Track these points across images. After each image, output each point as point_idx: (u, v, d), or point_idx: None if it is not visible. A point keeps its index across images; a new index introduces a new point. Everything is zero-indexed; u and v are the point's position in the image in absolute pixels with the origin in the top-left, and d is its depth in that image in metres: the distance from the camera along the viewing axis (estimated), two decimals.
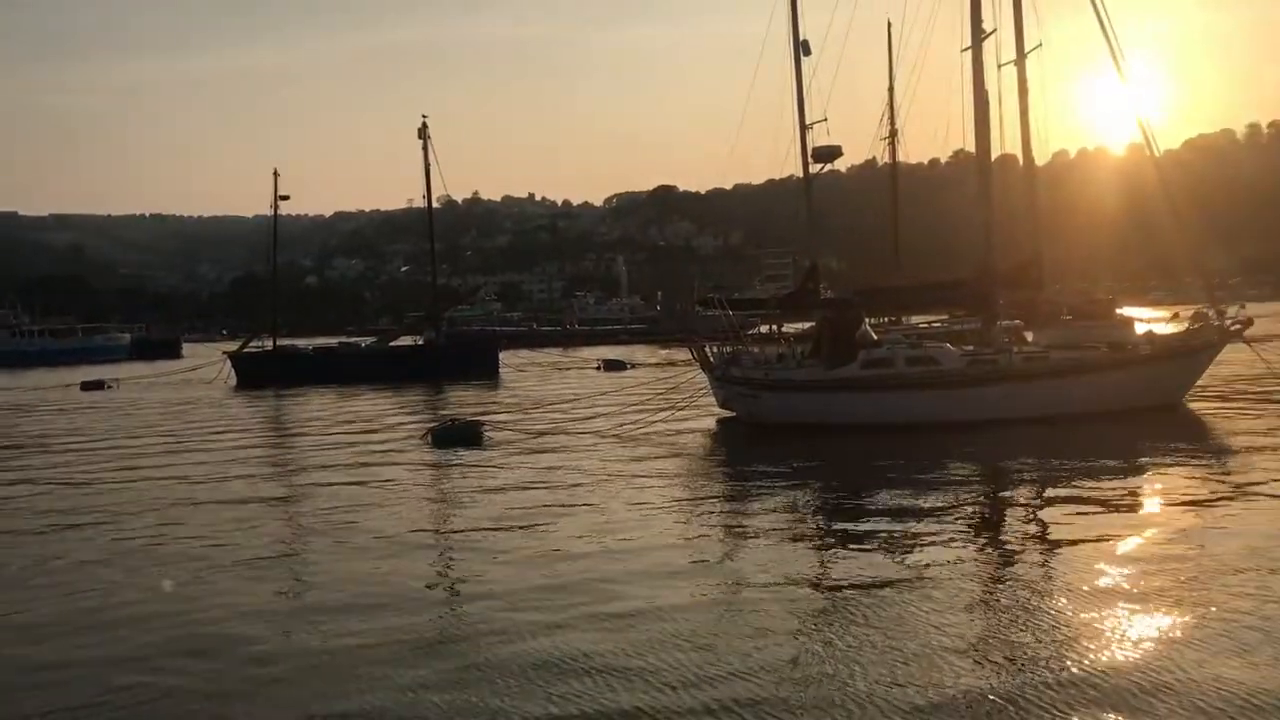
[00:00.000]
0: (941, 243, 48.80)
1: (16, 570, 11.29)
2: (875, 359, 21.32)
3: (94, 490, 16.77)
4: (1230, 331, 22.52)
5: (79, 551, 12.06)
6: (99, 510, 14.72)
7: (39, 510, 15.02)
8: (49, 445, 24.26)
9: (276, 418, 31.71)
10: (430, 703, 6.90)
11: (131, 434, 25.98)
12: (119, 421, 29.89)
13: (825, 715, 6.43)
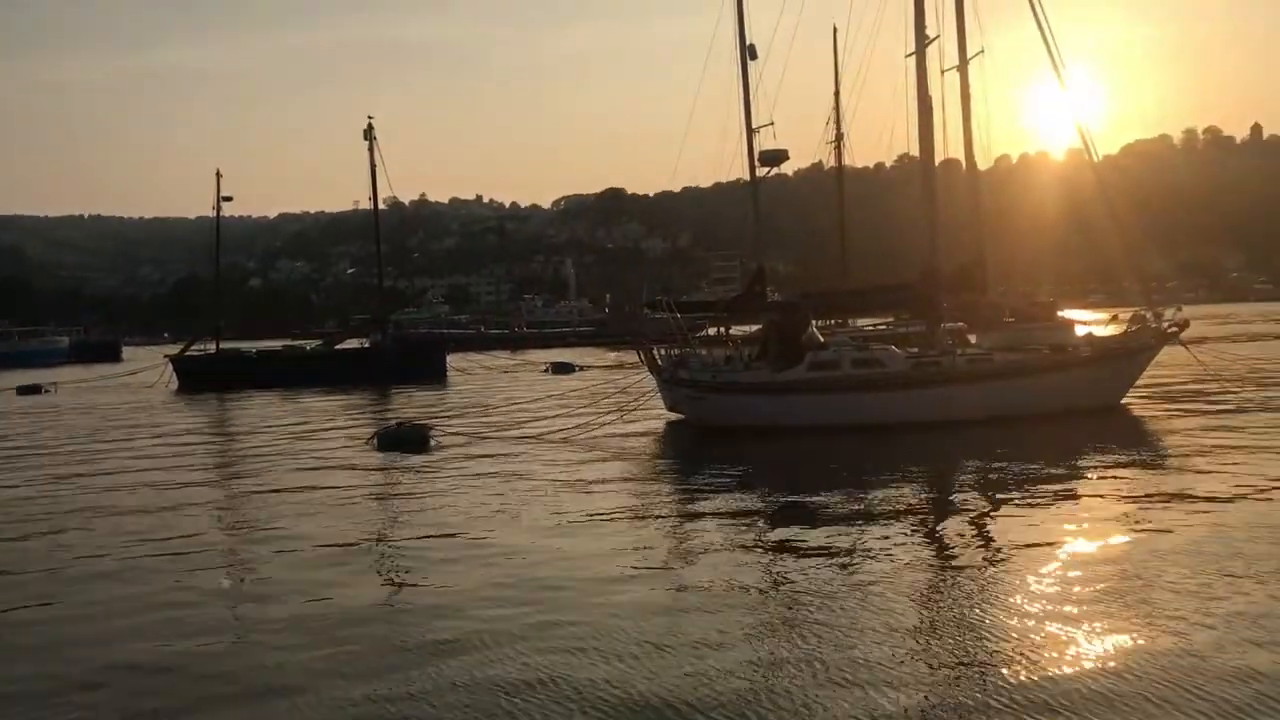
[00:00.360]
0: (888, 246, 49.33)
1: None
2: (822, 361, 21.44)
3: (21, 498, 16.36)
4: (1167, 334, 22.97)
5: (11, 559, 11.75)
6: (32, 519, 14.36)
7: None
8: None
9: (217, 422, 31.22)
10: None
11: (64, 439, 25.43)
12: (52, 426, 29.26)
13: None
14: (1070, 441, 17.89)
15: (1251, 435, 17.89)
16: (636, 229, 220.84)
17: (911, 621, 8.22)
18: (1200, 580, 8.92)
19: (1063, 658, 7.27)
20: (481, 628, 8.44)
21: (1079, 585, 9.14)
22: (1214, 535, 10.59)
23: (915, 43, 22.69)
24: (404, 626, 8.70)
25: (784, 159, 28.33)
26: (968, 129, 24.01)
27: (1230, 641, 7.38)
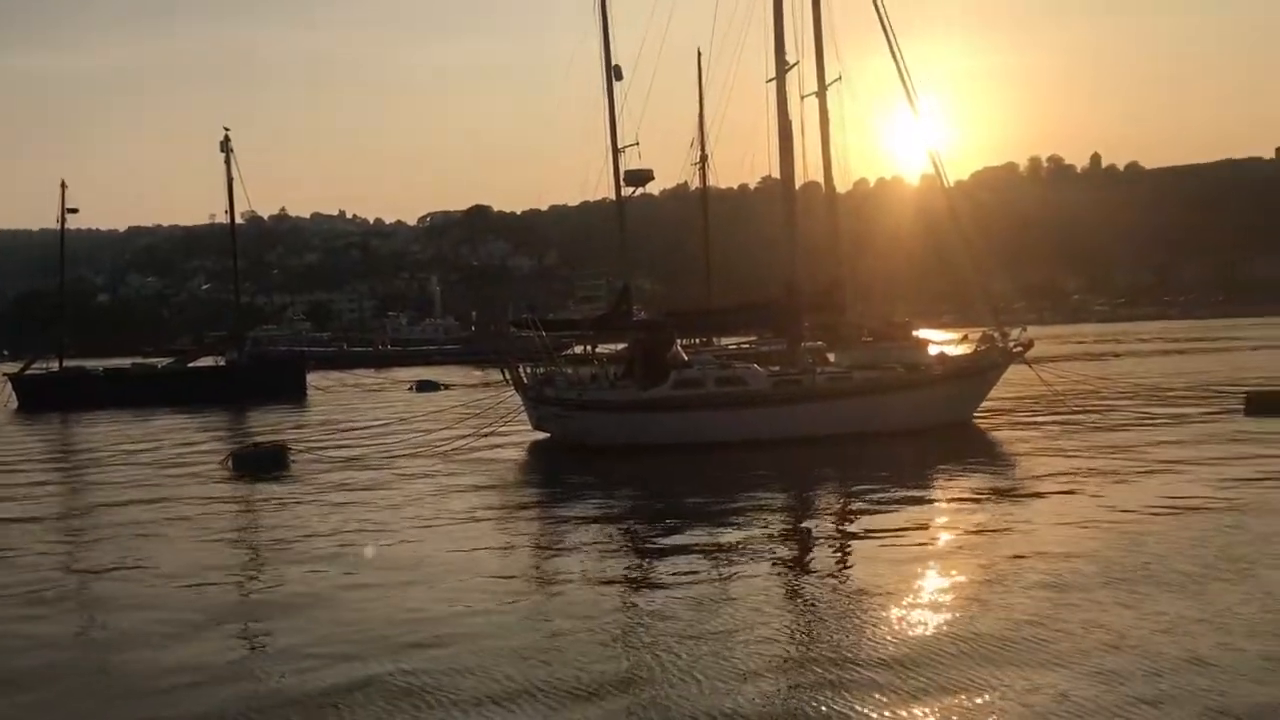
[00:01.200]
0: (751, 266, 50.20)
1: None
2: (686, 379, 21.72)
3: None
4: (1013, 353, 24.02)
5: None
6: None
7: None
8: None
9: (59, 443, 29.80)
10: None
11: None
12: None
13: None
14: (924, 457, 18.55)
15: (1090, 448, 18.82)
16: (503, 247, 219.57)
17: (775, 633, 8.38)
18: (1051, 586, 9.35)
19: (921, 665, 7.51)
20: (339, 660, 8.24)
21: (933, 592, 9.50)
22: (1057, 545, 11.11)
23: (776, 68, 23.27)
24: (258, 659, 8.44)
25: (649, 179, 28.67)
26: (826, 153, 24.80)
27: (1088, 645, 7.74)
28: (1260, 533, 11.22)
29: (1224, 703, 6.55)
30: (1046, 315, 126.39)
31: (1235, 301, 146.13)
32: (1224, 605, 8.58)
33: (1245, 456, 16.93)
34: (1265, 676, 6.98)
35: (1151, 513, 12.66)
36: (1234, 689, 6.76)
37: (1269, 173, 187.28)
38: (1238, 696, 6.64)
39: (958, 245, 26.86)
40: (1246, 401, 23.92)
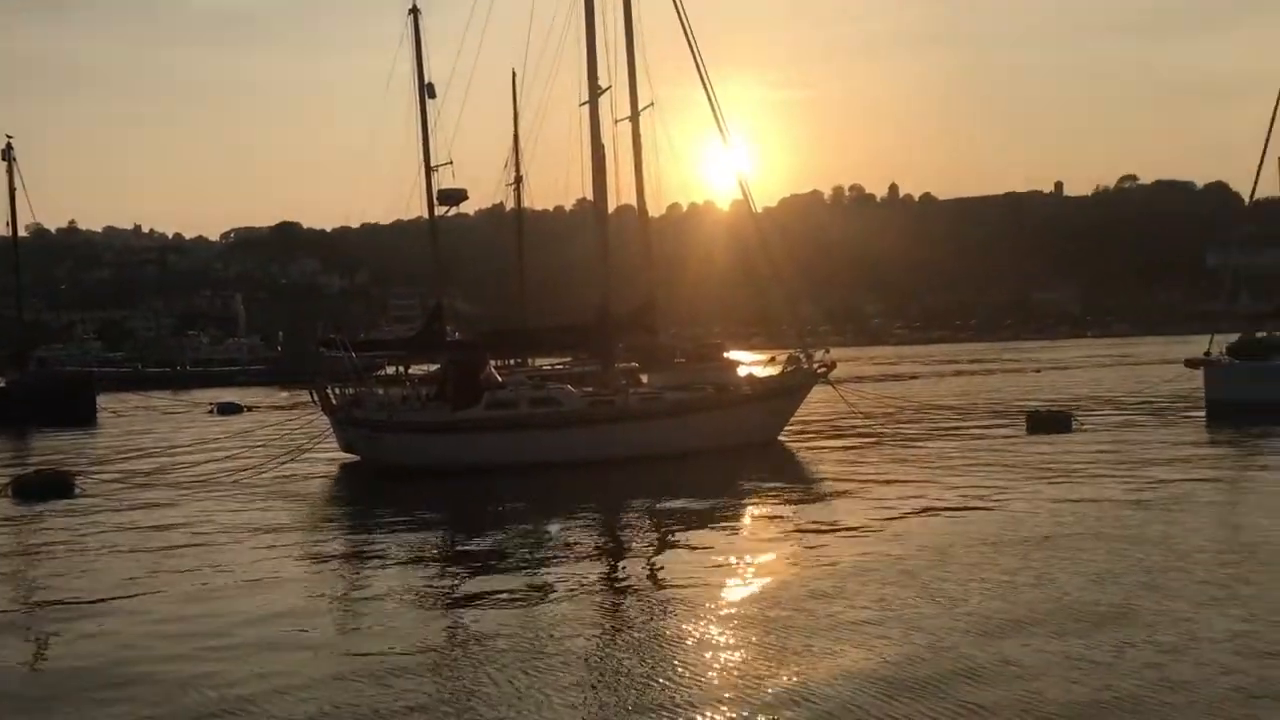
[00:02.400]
0: (566, 287, 50.39)
1: None
2: (499, 400, 21.60)
3: None
4: (818, 374, 24.93)
5: None
6: None
7: None
8: None
9: None
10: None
11: None
12: None
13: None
14: (733, 474, 19.02)
15: (888, 464, 19.73)
16: (313, 265, 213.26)
17: (592, 652, 8.41)
18: (854, 595, 9.72)
19: (734, 678, 7.68)
20: (125, 710, 7.80)
21: (743, 604, 9.75)
22: (857, 557, 11.58)
23: (589, 93, 23.53)
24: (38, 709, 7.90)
25: (463, 198, 28.46)
26: (639, 177, 25.15)
27: (897, 654, 8.08)
28: (1024, 536, 12.01)
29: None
30: (849, 337, 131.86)
31: (1022, 326, 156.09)
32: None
33: (1027, 467, 18.13)
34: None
35: (939, 523, 13.35)
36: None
37: (1049, 206, 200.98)
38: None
39: (766, 269, 27.72)
40: (1028, 420, 25.55)
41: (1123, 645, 8.05)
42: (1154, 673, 7.42)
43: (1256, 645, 7.97)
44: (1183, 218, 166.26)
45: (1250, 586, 9.75)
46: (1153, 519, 13.28)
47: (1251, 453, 20.71)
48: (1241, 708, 6.75)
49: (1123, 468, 18.25)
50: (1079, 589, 9.85)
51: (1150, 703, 6.88)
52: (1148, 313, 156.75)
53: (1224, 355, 29.04)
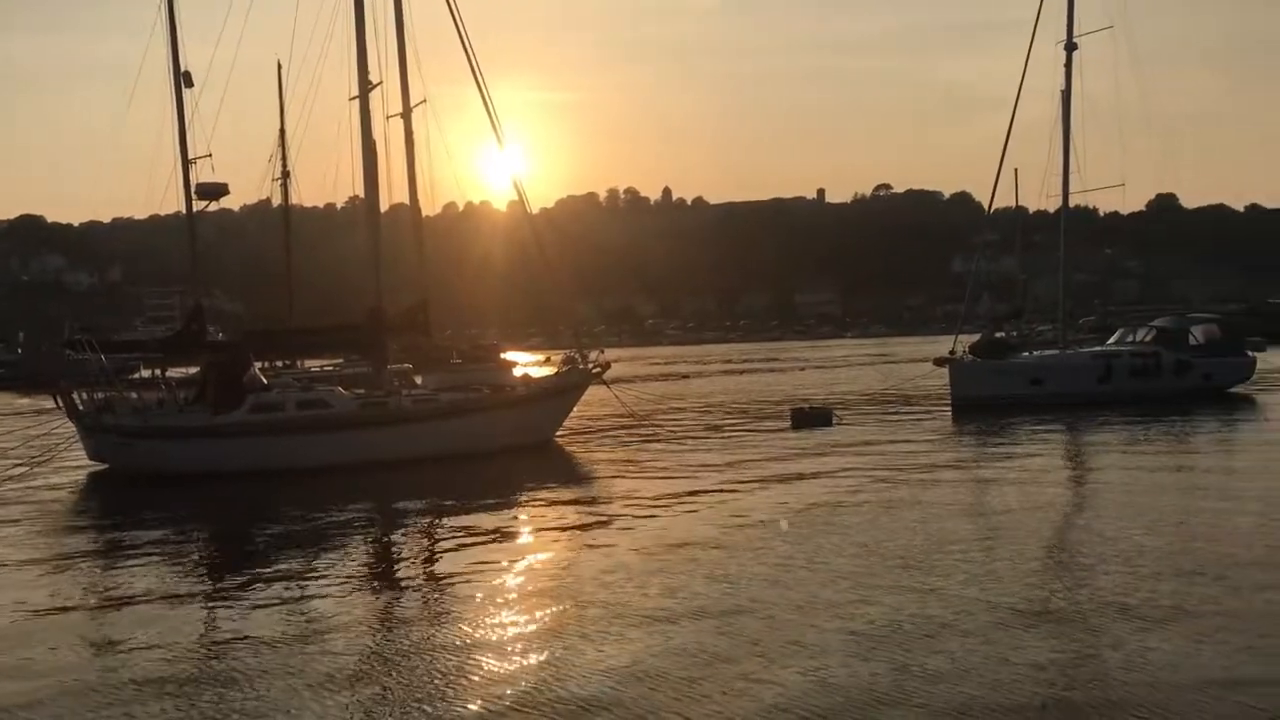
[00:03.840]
0: (337, 286, 48.98)
1: None
2: (264, 403, 20.76)
3: None
4: (593, 374, 25.20)
5: None
6: None
7: None
8: None
9: None
10: None
11: None
12: None
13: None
14: (508, 476, 19.00)
15: (660, 462, 20.17)
16: (58, 261, 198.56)
17: (357, 661, 8.20)
18: (631, 590, 9.88)
19: (502, 677, 7.66)
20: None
21: (523, 605, 9.75)
22: (633, 553, 11.77)
23: (359, 87, 22.94)
24: None
25: (224, 193, 27.13)
26: (412, 175, 24.80)
27: (667, 649, 8.24)
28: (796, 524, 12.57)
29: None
30: (625, 338, 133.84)
31: (787, 326, 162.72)
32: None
33: (790, 462, 18.95)
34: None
35: (708, 515, 13.77)
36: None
37: (812, 211, 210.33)
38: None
39: (543, 270, 27.78)
40: (793, 417, 26.69)
41: (894, 615, 8.55)
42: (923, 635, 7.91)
43: (1003, 606, 8.63)
44: (931, 225, 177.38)
45: (996, 558, 10.53)
46: (903, 500, 14.14)
47: (990, 443, 22.41)
48: (996, 671, 7.29)
49: (876, 458, 19.37)
50: (846, 570, 10.37)
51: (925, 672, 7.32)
52: (901, 314, 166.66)
53: (967, 354, 31.22)
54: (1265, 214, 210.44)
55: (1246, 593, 9.36)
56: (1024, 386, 29.99)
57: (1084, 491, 16.35)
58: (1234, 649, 7.80)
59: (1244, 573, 10.02)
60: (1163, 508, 13.80)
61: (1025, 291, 57.33)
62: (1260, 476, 16.34)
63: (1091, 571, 10.42)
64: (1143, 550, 11.17)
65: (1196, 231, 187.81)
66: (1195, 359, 31.37)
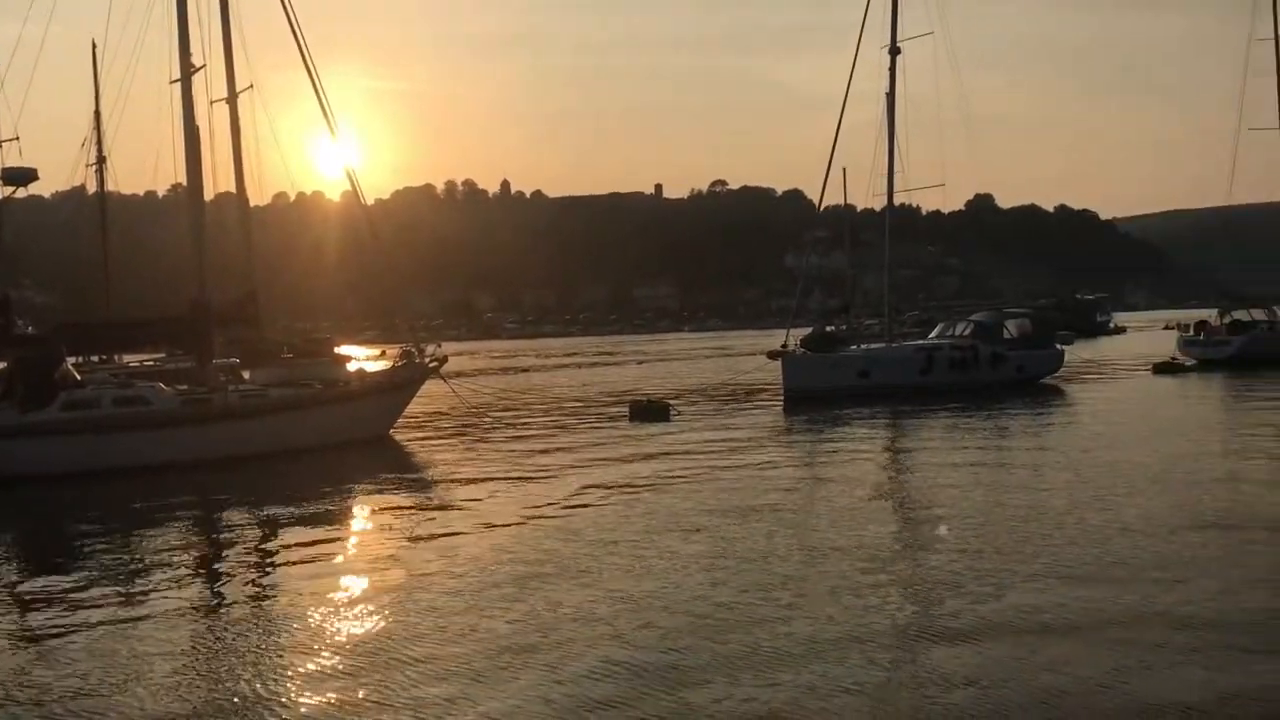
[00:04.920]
0: (159, 278, 46.89)
1: None
2: (78, 400, 19.69)
3: None
4: (429, 368, 24.87)
5: None
6: None
7: None
8: None
9: None
10: None
11: None
12: None
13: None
14: (342, 472, 18.58)
15: (497, 456, 20.08)
16: None
17: (191, 668, 7.90)
18: (467, 583, 9.79)
19: (335, 682, 7.50)
20: None
21: (356, 603, 9.55)
22: (469, 546, 11.68)
23: (180, 70, 21.98)
24: None
25: (32, 178, 25.57)
26: (239, 162, 23.93)
27: (502, 646, 8.20)
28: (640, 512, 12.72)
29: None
30: (463, 331, 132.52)
31: (626, 320, 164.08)
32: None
33: (629, 454, 19.17)
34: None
35: (546, 511, 13.79)
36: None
37: (649, 207, 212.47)
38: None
39: (378, 262, 27.23)
40: (630, 410, 26.96)
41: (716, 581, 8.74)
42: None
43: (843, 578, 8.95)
44: (765, 221, 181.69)
45: (833, 543, 10.91)
46: (734, 488, 14.47)
47: (820, 433, 23.17)
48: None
49: (710, 449, 19.78)
50: (692, 558, 10.55)
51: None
52: (737, 308, 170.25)
53: (799, 347, 32.13)
54: (1073, 214, 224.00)
55: (1063, 567, 9.97)
56: (852, 378, 31.06)
57: (909, 477, 17.06)
58: (1056, 619, 8.28)
59: (1062, 551, 10.67)
60: (982, 490, 14.53)
61: (854, 287, 59.51)
62: (1068, 460, 17.37)
63: (925, 551, 10.99)
64: (966, 530, 11.76)
65: (1011, 230, 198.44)
66: (1009, 352, 33.09)
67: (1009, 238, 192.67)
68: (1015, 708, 6.54)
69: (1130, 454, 17.58)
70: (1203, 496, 13.50)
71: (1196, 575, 9.58)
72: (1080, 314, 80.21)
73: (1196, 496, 13.49)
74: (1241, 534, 11.33)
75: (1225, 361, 38.63)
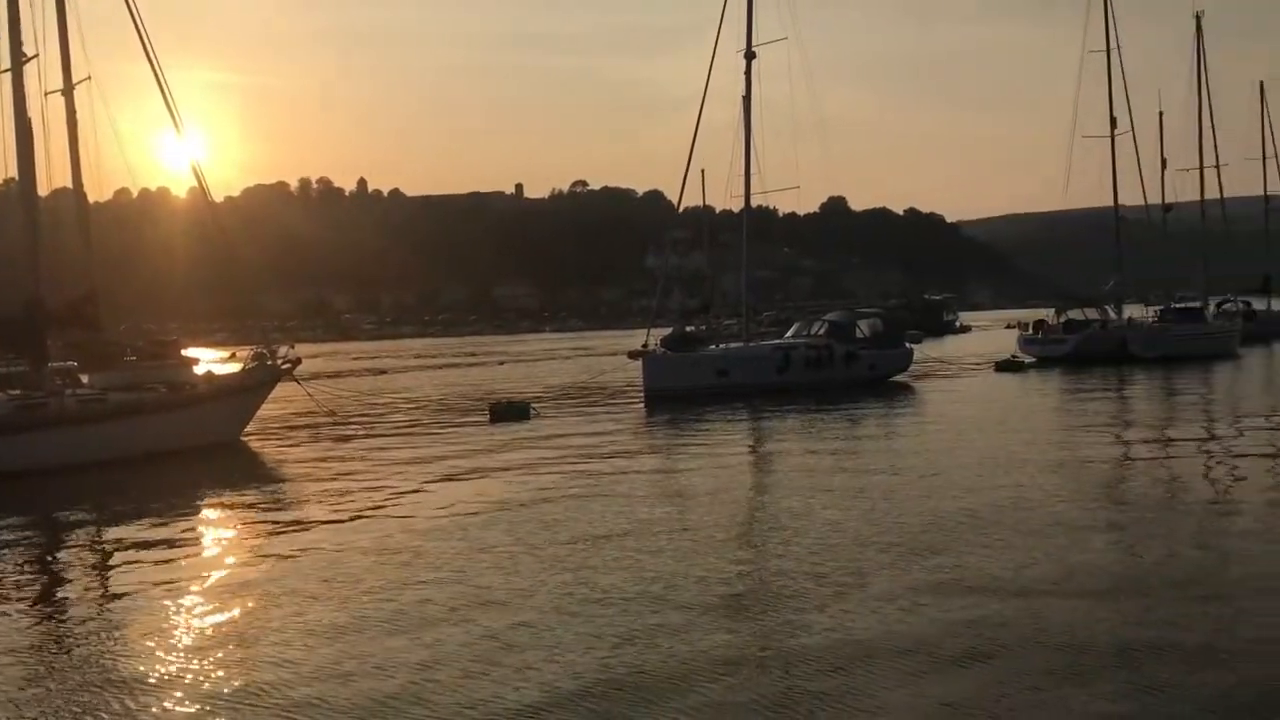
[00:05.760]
0: None
1: None
2: None
3: None
4: (282, 370, 24.20)
5: None
6: None
7: None
8: None
9: None
10: None
11: None
12: None
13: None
14: (189, 479, 17.94)
15: (353, 460, 19.66)
16: None
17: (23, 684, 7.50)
18: (323, 590, 9.56)
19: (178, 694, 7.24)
20: None
21: (206, 613, 9.22)
22: (321, 555, 11.40)
23: (11, 59, 20.85)
24: None
25: None
26: (75, 157, 22.79)
27: (340, 654, 8.02)
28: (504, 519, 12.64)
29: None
30: (320, 332, 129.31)
31: (487, 321, 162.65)
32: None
33: (489, 456, 18.99)
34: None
35: (400, 513, 13.58)
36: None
37: (510, 207, 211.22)
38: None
39: (228, 261, 26.34)
40: (490, 411, 26.74)
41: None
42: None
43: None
44: (626, 222, 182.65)
45: (694, 539, 11.03)
46: (593, 486, 14.52)
47: (679, 432, 23.44)
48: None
49: (571, 450, 19.81)
50: (538, 563, 10.53)
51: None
52: (598, 308, 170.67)
53: (659, 347, 32.41)
54: (921, 217, 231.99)
55: (918, 555, 10.34)
56: (711, 378, 31.49)
57: (768, 473, 17.40)
58: (911, 602, 8.56)
59: (917, 538, 11.10)
60: (839, 483, 14.95)
61: (713, 287, 60.32)
62: (918, 452, 18.01)
63: (786, 544, 11.20)
64: (825, 522, 12.10)
65: (863, 232, 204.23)
66: (861, 350, 34.06)
67: (861, 240, 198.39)
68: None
69: (972, 445, 18.33)
70: (1043, 483, 14.17)
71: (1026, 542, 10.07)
72: (928, 314, 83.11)
73: (1035, 481, 14.16)
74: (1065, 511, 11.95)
75: (1062, 359, 40.57)
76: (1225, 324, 47.50)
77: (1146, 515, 12.31)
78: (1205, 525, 11.74)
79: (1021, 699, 6.62)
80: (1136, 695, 6.60)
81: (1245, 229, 63.20)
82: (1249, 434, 19.88)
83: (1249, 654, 7.26)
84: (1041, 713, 6.43)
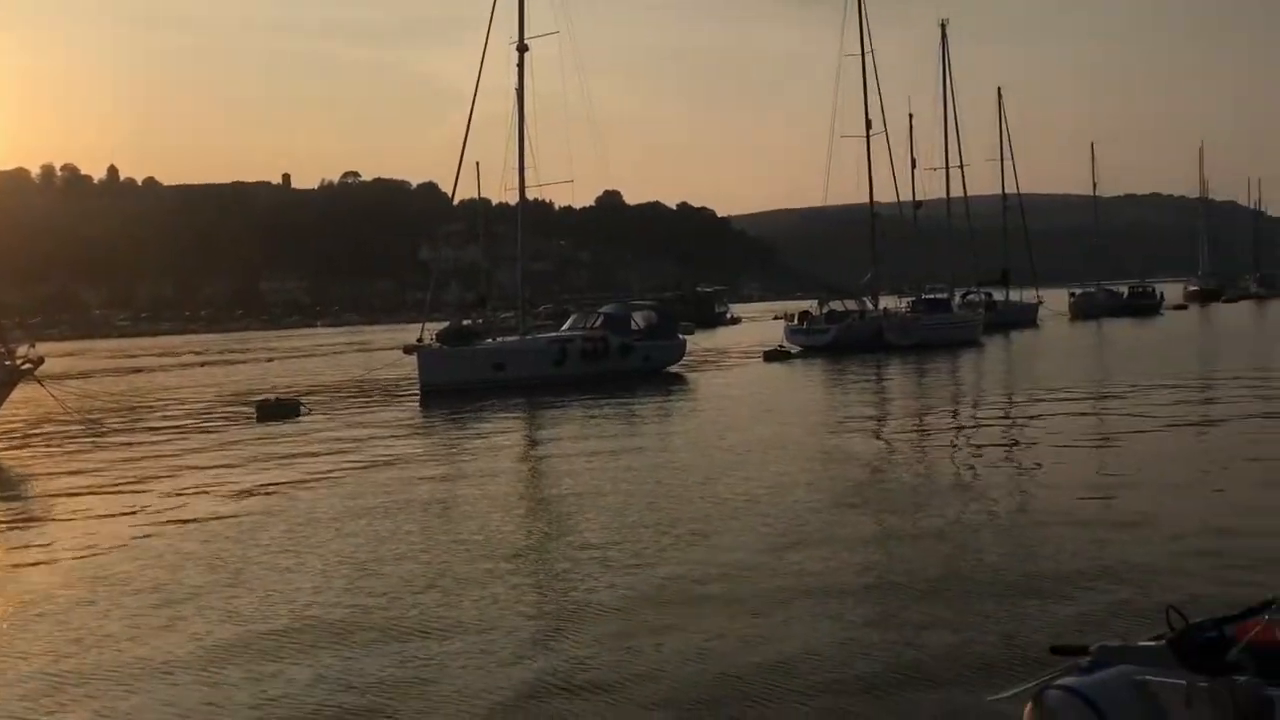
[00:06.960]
0: None
1: None
2: None
3: None
4: (21, 371, 22.47)
5: None
6: None
7: None
8: None
9: None
10: None
11: None
12: None
13: None
14: None
15: (107, 466, 18.43)
16: None
17: None
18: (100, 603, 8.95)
19: None
20: None
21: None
22: (77, 569, 10.69)
23: None
24: None
25: None
26: None
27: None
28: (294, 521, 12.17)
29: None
30: (66, 329, 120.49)
31: (253, 316, 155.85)
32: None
33: (257, 457, 18.28)
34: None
35: (164, 521, 12.88)
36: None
37: (278, 197, 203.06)
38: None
39: None
40: (258, 410, 25.67)
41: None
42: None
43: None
44: (399, 214, 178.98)
45: (486, 527, 10.96)
46: (363, 485, 14.22)
47: (454, 427, 23.26)
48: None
49: (341, 446, 19.35)
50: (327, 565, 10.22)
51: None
52: (372, 301, 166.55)
53: (434, 342, 31.97)
54: (693, 211, 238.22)
55: (704, 537, 10.70)
56: (488, 371, 31.32)
57: (546, 465, 17.48)
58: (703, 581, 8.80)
59: (705, 524, 11.43)
60: (618, 471, 15.21)
61: (489, 280, 60.00)
62: (692, 438, 18.55)
63: (576, 531, 11.40)
64: (610, 509, 12.32)
65: (637, 225, 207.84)
66: (637, 342, 34.67)
67: (635, 233, 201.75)
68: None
69: (741, 432, 19.03)
70: (811, 467, 14.88)
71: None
72: (701, 305, 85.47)
73: (805, 466, 14.85)
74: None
75: (824, 348, 42.57)
76: (970, 314, 51.11)
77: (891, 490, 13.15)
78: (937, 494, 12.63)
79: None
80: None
81: (986, 225, 68.14)
82: (986, 410, 21.54)
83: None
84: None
